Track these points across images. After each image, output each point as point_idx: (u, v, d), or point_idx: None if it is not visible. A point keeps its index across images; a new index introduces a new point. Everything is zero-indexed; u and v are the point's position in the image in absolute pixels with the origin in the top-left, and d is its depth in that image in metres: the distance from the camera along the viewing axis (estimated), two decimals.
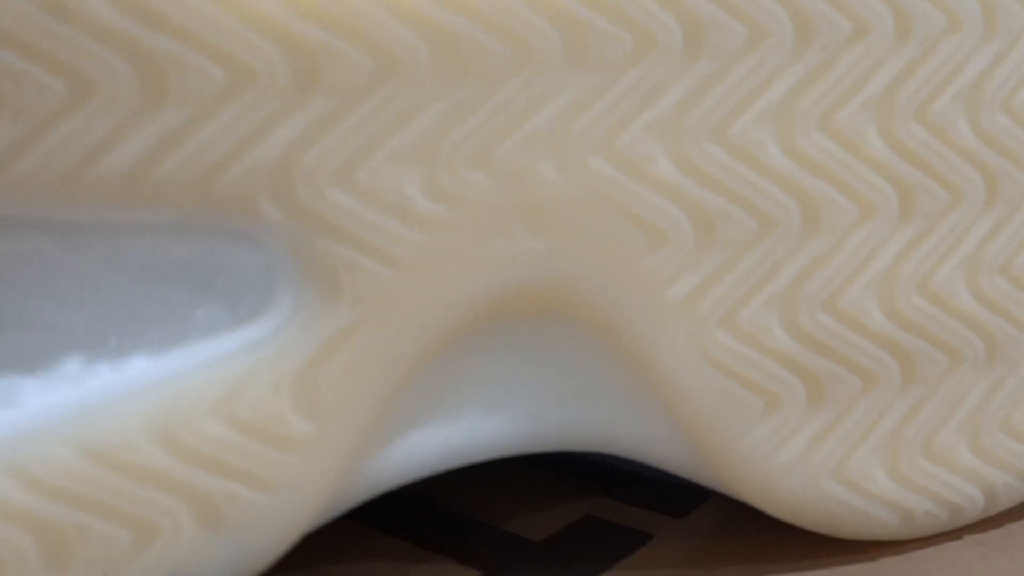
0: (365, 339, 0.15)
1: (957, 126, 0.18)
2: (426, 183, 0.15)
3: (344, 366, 0.15)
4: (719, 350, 0.17)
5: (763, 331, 0.17)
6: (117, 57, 0.13)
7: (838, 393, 0.18)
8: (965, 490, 0.18)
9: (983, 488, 0.19)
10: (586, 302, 0.16)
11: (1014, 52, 0.18)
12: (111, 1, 0.13)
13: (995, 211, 0.18)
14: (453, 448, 0.16)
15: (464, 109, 0.15)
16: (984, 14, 0.18)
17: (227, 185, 0.14)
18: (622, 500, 0.20)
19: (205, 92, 0.14)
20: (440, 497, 0.20)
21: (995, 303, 0.18)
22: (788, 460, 0.17)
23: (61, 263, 0.14)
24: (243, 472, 0.15)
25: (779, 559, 0.18)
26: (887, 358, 0.18)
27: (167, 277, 0.15)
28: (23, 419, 0.14)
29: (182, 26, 0.13)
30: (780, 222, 0.17)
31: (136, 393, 0.14)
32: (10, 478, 0.14)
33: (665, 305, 0.16)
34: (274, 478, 0.15)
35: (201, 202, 0.14)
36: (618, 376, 0.17)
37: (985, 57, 0.18)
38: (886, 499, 0.18)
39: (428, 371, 0.16)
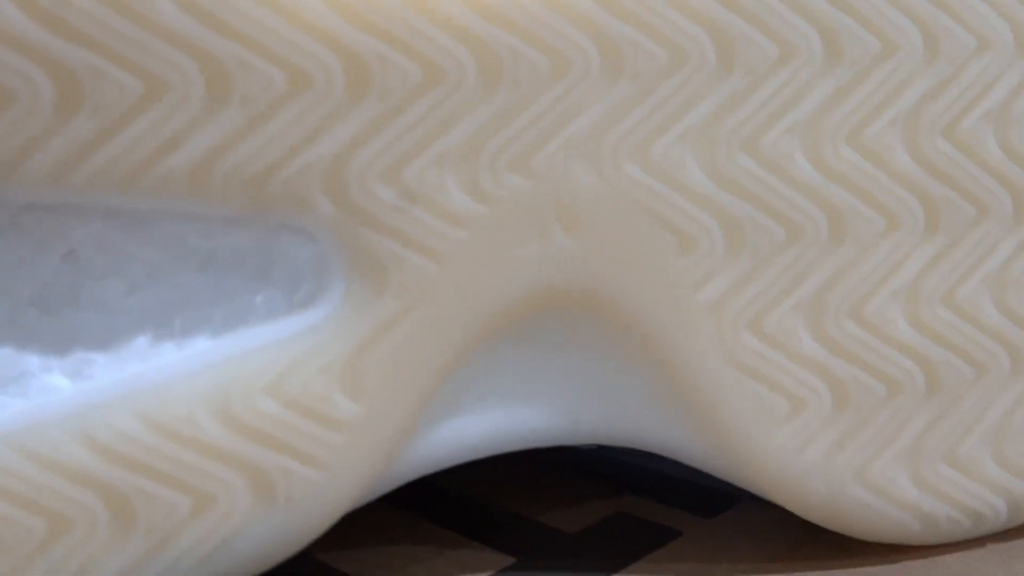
0: (409, 328, 0.16)
1: (986, 144, 0.18)
2: (468, 184, 0.16)
3: (388, 353, 0.16)
4: (746, 353, 0.18)
5: (790, 336, 0.18)
6: (187, 59, 0.15)
7: (862, 399, 0.18)
8: (988, 499, 0.19)
9: (1006, 498, 0.19)
10: (617, 302, 0.17)
11: None
12: (183, 8, 0.14)
13: (1023, 228, 0.19)
14: (490, 435, 0.17)
15: (505, 116, 0.16)
16: (1015, 35, 0.18)
17: (284, 182, 0.15)
18: (653, 499, 0.21)
19: (266, 95, 0.15)
20: (479, 492, 0.21)
21: (1021, 318, 0.19)
22: (812, 461, 0.18)
23: (129, 249, 0.16)
24: (294, 448, 0.16)
25: (803, 559, 0.19)
26: (912, 367, 0.18)
27: (227, 265, 0.16)
28: (94, 392, 0.15)
29: (246, 33, 0.15)
30: (807, 232, 0.18)
31: (198, 371, 0.16)
32: (81, 445, 0.15)
33: (694, 307, 0.17)
34: (323, 456, 0.16)
35: (260, 197, 0.15)
36: (646, 374, 0.18)
37: (1015, 76, 0.18)
38: (909, 504, 0.19)
39: (464, 361, 0.17)
